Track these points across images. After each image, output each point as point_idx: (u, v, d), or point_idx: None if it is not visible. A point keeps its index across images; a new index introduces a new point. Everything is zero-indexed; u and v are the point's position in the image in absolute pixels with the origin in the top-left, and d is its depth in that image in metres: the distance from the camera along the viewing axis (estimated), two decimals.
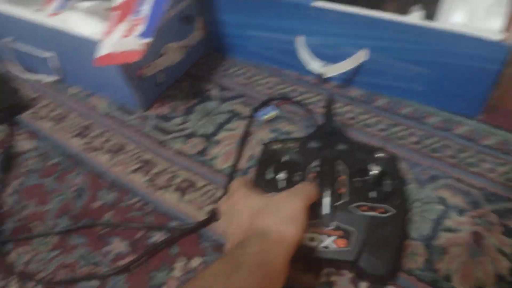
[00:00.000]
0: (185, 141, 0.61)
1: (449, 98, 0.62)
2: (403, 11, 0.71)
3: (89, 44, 0.59)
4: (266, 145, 0.52)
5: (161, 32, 0.65)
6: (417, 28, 0.56)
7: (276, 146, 0.51)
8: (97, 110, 0.68)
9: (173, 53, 0.70)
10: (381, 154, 0.50)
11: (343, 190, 0.45)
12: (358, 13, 0.59)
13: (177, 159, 0.59)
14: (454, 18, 0.59)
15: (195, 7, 0.71)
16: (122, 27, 0.58)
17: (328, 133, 0.52)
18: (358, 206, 0.44)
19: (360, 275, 0.43)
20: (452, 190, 0.51)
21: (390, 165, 0.48)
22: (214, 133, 0.62)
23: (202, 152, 0.59)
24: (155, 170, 0.57)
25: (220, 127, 0.63)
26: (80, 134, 0.64)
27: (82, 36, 0.61)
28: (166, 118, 0.65)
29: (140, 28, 0.57)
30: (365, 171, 0.46)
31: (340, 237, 0.41)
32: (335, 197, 0.44)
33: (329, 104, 0.55)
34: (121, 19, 0.60)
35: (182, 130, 0.63)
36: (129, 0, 0.62)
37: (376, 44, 0.61)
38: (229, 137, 0.61)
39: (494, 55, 0.53)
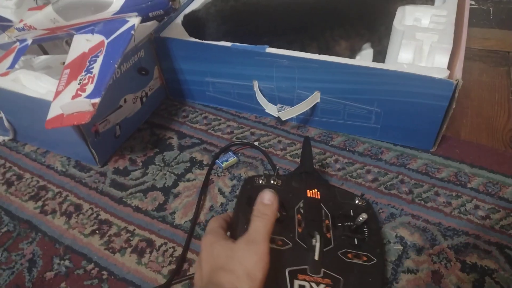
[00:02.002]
0: (143, 196, 0.60)
1: (402, 133, 0.63)
2: (355, 49, 0.74)
3: (41, 105, 0.58)
4: (250, 179, 0.49)
5: (118, 84, 0.65)
6: (365, 70, 0.58)
7: (260, 181, 0.48)
8: (53, 168, 0.66)
9: (131, 104, 0.70)
10: (359, 201, 0.49)
11: (329, 235, 0.43)
12: (309, 58, 0.60)
13: (135, 217, 0.57)
14: (402, 56, 0.61)
15: (151, 57, 0.72)
16: (73, 86, 0.58)
17: (308, 174, 0.51)
18: (344, 253, 0.42)
19: None
20: (410, 228, 0.52)
21: (369, 213, 0.46)
22: (174, 185, 0.61)
23: (161, 207, 0.58)
24: (112, 231, 0.55)
25: (180, 178, 0.62)
26: (34, 197, 0.62)
27: (33, 97, 0.60)
28: (124, 172, 0.64)
29: (89, 87, 0.56)
30: (346, 217, 0.45)
31: (328, 285, 0.39)
32: (324, 242, 0.42)
33: (306, 145, 0.54)
34: (72, 78, 0.59)
35: (141, 184, 0.62)
36: (80, 58, 0.61)
37: (329, 86, 0.62)
38: (189, 188, 0.60)
39: (441, 93, 0.55)
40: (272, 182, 0.48)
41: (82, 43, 0.64)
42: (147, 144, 0.69)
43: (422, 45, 0.61)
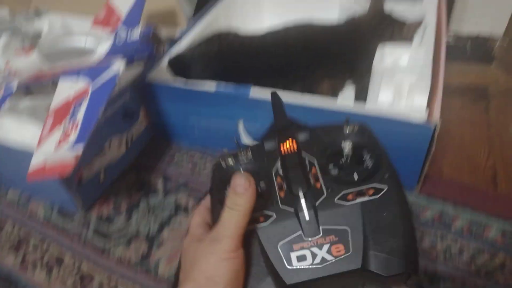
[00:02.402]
0: (127, 245, 0.59)
1: None
2: (338, 88, 0.75)
3: (24, 156, 0.57)
4: (215, 165, 0.42)
5: (102, 129, 0.65)
6: (346, 112, 0.59)
7: (227, 163, 0.41)
8: (35, 215, 0.65)
9: (117, 148, 0.70)
10: (350, 127, 0.41)
11: (318, 184, 0.36)
12: (292, 102, 0.61)
13: (119, 268, 0.56)
14: (383, 96, 0.62)
15: (136, 99, 0.72)
16: (56, 135, 0.57)
17: (283, 128, 0.43)
18: (343, 197, 0.35)
19: (378, 282, 0.34)
20: None
21: (363, 135, 0.40)
22: (158, 232, 0.60)
23: (145, 257, 0.57)
24: (94, 284, 0.54)
25: (164, 224, 0.61)
26: (15, 249, 0.60)
27: (17, 149, 0.59)
28: (108, 219, 0.63)
29: (73, 136, 0.56)
30: (337, 154, 0.38)
31: (333, 242, 0.33)
32: (313, 195, 0.35)
33: (275, 100, 0.47)
34: (55, 125, 0.59)
35: (125, 231, 0.61)
36: (65, 104, 0.61)
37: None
38: (173, 235, 0.60)
39: (421, 136, 0.56)
40: (241, 157, 0.41)
41: (66, 89, 0.64)
42: (132, 188, 0.69)
43: (402, 85, 0.62)
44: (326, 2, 0.90)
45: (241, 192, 0.34)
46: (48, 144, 0.57)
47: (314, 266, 0.32)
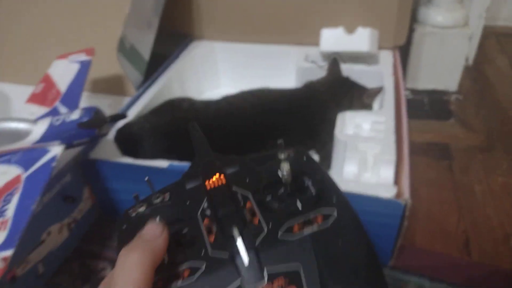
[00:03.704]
0: None
1: None
2: None
3: None
4: (122, 216, 0.35)
5: (39, 218, 0.57)
6: None
7: (140, 210, 0.34)
8: None
9: (57, 235, 0.61)
10: (284, 153, 0.34)
11: (256, 220, 0.30)
12: None
13: None
14: (347, 168, 0.59)
15: (78, 180, 0.64)
16: None
17: (207, 162, 0.36)
18: (287, 230, 0.29)
19: None
20: None
21: (301, 160, 0.34)
22: None
23: None
24: None
25: None
26: None
27: None
28: None
29: (1, 236, 0.48)
30: (274, 184, 0.32)
31: (284, 286, 0.26)
32: (251, 234, 0.28)
33: (194, 133, 0.40)
34: None
35: None
36: None
37: None
38: None
39: (391, 212, 0.53)
40: (155, 201, 0.34)
41: None
42: (76, 279, 0.60)
43: (366, 156, 0.60)
44: (283, 64, 0.89)
45: (146, 239, 0.27)
46: None
47: None
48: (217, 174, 0.33)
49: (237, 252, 0.27)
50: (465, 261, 0.60)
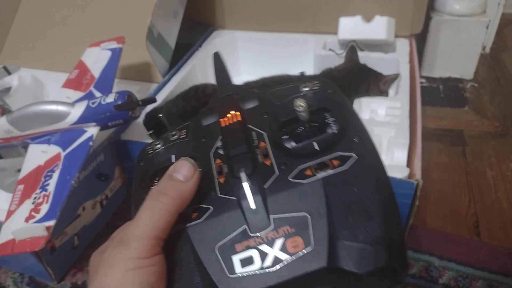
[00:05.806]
0: None
1: None
2: None
3: None
4: (139, 155, 0.34)
5: (75, 194, 0.61)
6: None
7: (155, 148, 0.33)
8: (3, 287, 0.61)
9: (90, 211, 0.67)
10: (307, 86, 0.32)
11: (268, 161, 0.27)
12: None
13: None
14: None
15: (111, 158, 0.69)
16: (26, 206, 0.54)
17: (226, 96, 0.34)
18: (299, 174, 0.26)
19: (353, 284, 0.25)
20: None
21: (326, 94, 0.31)
22: None
23: None
24: None
25: None
26: None
27: None
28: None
29: (44, 208, 0.53)
30: (295, 121, 0.30)
31: (289, 235, 0.24)
32: (261, 176, 0.27)
33: (217, 63, 0.38)
34: (25, 196, 0.56)
35: None
36: (35, 172, 0.59)
37: None
38: None
39: (403, 191, 0.55)
40: (172, 138, 0.33)
41: (37, 155, 0.61)
42: None
43: (381, 140, 0.63)
44: (302, 53, 0.91)
45: (178, 180, 0.26)
46: (18, 216, 0.54)
47: (264, 271, 0.24)
48: (233, 111, 0.31)
49: (243, 196, 0.26)
50: (474, 242, 0.63)
